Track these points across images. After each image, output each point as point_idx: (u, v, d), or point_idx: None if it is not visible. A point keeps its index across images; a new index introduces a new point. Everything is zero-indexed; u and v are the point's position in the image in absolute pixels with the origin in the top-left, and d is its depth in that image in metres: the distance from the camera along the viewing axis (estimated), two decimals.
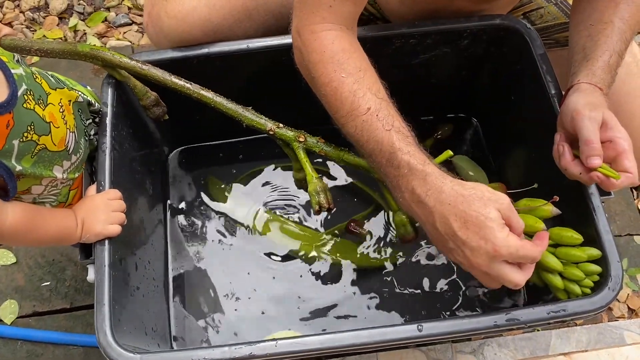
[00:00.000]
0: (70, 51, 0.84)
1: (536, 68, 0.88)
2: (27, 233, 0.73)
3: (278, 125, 0.87)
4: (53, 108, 0.74)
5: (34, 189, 0.74)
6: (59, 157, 0.75)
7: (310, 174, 0.85)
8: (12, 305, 1.13)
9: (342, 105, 0.72)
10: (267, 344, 0.72)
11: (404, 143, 0.69)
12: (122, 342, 0.72)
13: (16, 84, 0.68)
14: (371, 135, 0.70)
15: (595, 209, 0.79)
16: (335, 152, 0.87)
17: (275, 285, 1.04)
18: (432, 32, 0.92)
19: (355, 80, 0.71)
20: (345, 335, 0.73)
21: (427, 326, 0.72)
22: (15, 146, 0.67)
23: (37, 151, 0.70)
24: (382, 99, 0.72)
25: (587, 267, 0.76)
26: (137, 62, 0.86)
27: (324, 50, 0.72)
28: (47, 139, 0.72)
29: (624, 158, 0.72)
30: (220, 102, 0.87)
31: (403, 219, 0.89)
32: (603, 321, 1.13)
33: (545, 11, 0.99)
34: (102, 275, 0.75)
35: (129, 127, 0.91)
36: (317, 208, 0.83)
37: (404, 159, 0.68)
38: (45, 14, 1.50)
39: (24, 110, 0.68)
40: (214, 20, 0.89)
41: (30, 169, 0.70)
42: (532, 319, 0.73)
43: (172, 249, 1.06)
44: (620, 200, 1.26)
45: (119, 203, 0.80)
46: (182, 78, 0.87)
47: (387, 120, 0.70)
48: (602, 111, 0.73)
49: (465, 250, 0.65)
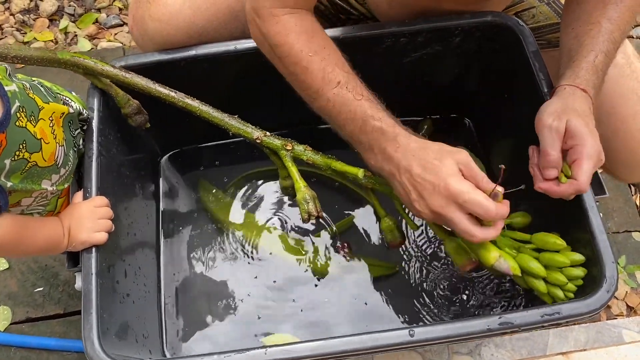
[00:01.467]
0: (49, 59, 0.82)
1: (529, 65, 0.87)
2: (15, 246, 0.72)
3: (265, 134, 0.87)
4: (44, 123, 0.72)
5: (23, 201, 0.74)
6: (48, 172, 0.74)
7: (298, 182, 0.85)
8: (5, 312, 1.12)
9: (313, 81, 0.76)
10: (257, 351, 0.71)
11: (375, 110, 0.75)
12: (111, 351, 0.71)
13: (10, 102, 0.66)
14: (343, 107, 0.76)
15: (589, 209, 0.78)
16: (322, 159, 0.86)
17: (270, 289, 1.03)
18: (423, 30, 0.91)
19: (322, 57, 0.76)
20: (336, 341, 0.72)
21: (419, 331, 0.71)
22: (7, 165, 0.66)
23: (28, 168, 0.69)
24: (348, 72, 0.77)
25: (570, 271, 0.77)
26: (120, 70, 0.84)
27: (288, 33, 0.76)
28: (38, 155, 0.71)
29: (576, 165, 0.73)
30: (206, 111, 0.86)
31: (390, 225, 0.90)
32: (601, 320, 1.12)
33: (537, 11, 0.98)
34: (89, 284, 0.74)
35: (117, 131, 0.90)
36: (307, 216, 0.85)
37: (376, 125, 0.74)
38: (35, 16, 1.48)
39: (16, 128, 0.67)
40: (198, 23, 0.88)
41: (20, 184, 0.69)
42: (525, 322, 0.72)
43: (164, 254, 1.05)
44: (619, 197, 1.25)
45: (106, 210, 0.79)
46: (166, 86, 0.86)
47: (357, 91, 0.76)
48: (567, 119, 0.73)
49: (424, 193, 0.71)
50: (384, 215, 0.90)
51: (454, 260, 0.82)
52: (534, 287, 0.79)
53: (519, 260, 0.78)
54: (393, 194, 0.84)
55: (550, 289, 0.78)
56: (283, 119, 1.03)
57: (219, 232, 1.07)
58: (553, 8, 0.96)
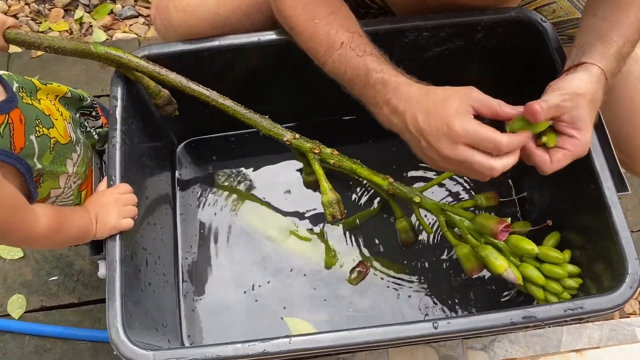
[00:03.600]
0: (83, 51, 0.81)
1: (552, 62, 0.87)
2: (56, 234, 0.72)
3: (294, 136, 0.88)
4: (46, 102, 0.73)
5: (52, 192, 0.74)
6: (69, 150, 0.75)
7: (324, 185, 0.87)
8: (20, 300, 1.13)
9: (320, 46, 0.79)
10: (280, 340, 0.71)
11: (377, 63, 0.75)
12: (134, 338, 0.72)
13: (8, 82, 0.67)
14: (348, 65, 0.77)
15: (612, 205, 0.78)
16: (349, 164, 0.88)
17: (288, 277, 1.02)
18: (446, 25, 0.91)
19: (327, 22, 0.78)
20: (358, 332, 0.72)
21: (442, 324, 0.71)
22: (34, 143, 0.66)
23: (53, 145, 0.70)
24: (354, 32, 0.78)
25: (567, 282, 0.83)
26: (155, 67, 0.84)
27: (296, 5, 0.80)
28: (54, 131, 0.71)
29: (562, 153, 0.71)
30: (238, 111, 0.87)
31: (405, 226, 0.95)
32: (615, 318, 1.12)
33: (558, 6, 0.97)
34: (114, 271, 0.74)
35: (139, 120, 0.90)
36: (331, 219, 0.87)
37: (378, 77, 0.75)
38: (50, 6, 1.48)
39: (25, 105, 0.68)
40: (222, 14, 0.88)
41: (49, 166, 0.70)
42: (549, 316, 0.72)
43: (182, 243, 1.05)
44: (632, 196, 1.25)
45: (130, 197, 0.79)
46: (200, 85, 0.87)
47: (360, 48, 0.77)
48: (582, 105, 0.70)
49: (430, 140, 0.69)
50: (400, 217, 0.94)
51: (463, 265, 0.87)
52: (532, 293, 0.85)
53: (522, 269, 0.84)
54: (412, 200, 0.86)
55: (547, 295, 0.84)
56: (303, 111, 1.03)
57: (235, 222, 1.07)
58: (574, 3, 0.96)
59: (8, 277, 1.15)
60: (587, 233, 0.85)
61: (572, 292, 0.83)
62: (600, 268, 0.81)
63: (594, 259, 0.82)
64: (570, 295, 0.83)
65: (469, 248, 0.86)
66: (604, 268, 0.80)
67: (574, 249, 0.86)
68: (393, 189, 0.88)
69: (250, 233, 1.07)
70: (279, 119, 0.90)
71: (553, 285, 0.83)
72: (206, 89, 0.86)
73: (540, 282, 0.83)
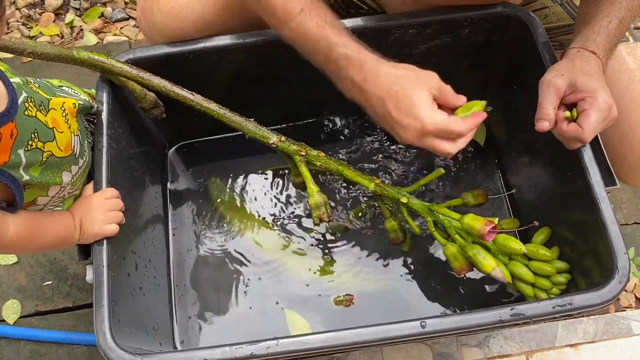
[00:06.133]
0: (66, 57, 0.81)
1: (539, 57, 0.86)
2: (28, 242, 0.72)
3: (280, 139, 0.87)
4: (55, 113, 0.72)
5: (39, 200, 0.73)
6: (67, 163, 0.74)
7: (311, 188, 0.87)
8: (15, 305, 1.13)
9: (276, 10, 0.76)
10: (268, 342, 0.71)
11: (339, 37, 0.74)
12: (122, 343, 0.72)
13: (16, 92, 0.66)
14: (308, 35, 0.75)
15: (600, 200, 0.77)
16: (335, 166, 0.88)
17: (284, 279, 1.02)
18: (432, 21, 0.91)
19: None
20: (347, 333, 0.72)
21: (430, 322, 0.71)
22: (22, 156, 0.66)
23: (45, 159, 0.69)
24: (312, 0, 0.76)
25: (555, 278, 0.84)
26: (138, 72, 0.84)
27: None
28: (52, 145, 0.71)
29: (584, 114, 0.74)
30: (223, 114, 0.87)
31: (394, 225, 0.94)
32: (610, 311, 1.12)
33: (550, 12, 0.97)
34: (101, 276, 0.74)
35: (126, 124, 0.90)
36: (318, 221, 0.87)
37: (341, 52, 0.74)
38: (41, 11, 1.48)
39: (26, 117, 0.67)
40: (207, 17, 0.88)
41: (39, 177, 0.69)
42: (537, 313, 0.72)
43: (173, 246, 1.05)
44: (627, 189, 1.24)
45: (116, 202, 0.79)
46: (184, 88, 0.86)
47: (320, 17, 0.75)
48: (570, 77, 0.74)
49: (397, 128, 0.73)
50: (389, 217, 0.94)
51: (452, 264, 0.88)
52: (522, 290, 0.86)
53: (511, 267, 0.85)
54: (399, 200, 0.86)
55: (537, 292, 0.85)
56: (290, 110, 1.03)
57: (226, 225, 1.07)
58: (566, 9, 0.95)
59: (2, 282, 1.15)
60: (577, 228, 0.84)
61: (561, 288, 0.84)
62: (590, 263, 0.81)
63: (584, 254, 0.82)
64: (560, 290, 0.84)
65: (457, 247, 0.86)
66: (594, 263, 0.80)
67: (564, 244, 0.86)
68: (380, 190, 0.88)
69: (242, 236, 1.06)
70: (265, 121, 0.90)
71: (542, 282, 0.84)
72: (190, 93, 0.86)
73: (529, 280, 0.83)
